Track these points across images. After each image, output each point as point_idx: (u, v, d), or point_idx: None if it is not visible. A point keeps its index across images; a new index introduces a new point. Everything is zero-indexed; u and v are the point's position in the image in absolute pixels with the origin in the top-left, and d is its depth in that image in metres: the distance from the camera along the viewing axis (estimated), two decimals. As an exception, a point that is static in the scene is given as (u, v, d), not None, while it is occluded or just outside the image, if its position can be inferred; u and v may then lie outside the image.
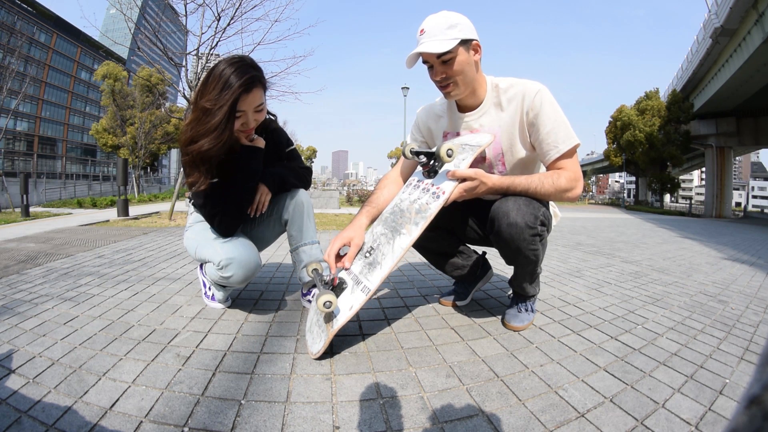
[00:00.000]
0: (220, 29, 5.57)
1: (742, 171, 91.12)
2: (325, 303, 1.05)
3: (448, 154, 1.15)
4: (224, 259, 1.27)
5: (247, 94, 1.21)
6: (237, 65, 1.20)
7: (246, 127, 1.28)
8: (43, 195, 18.25)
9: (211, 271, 1.34)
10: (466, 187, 1.16)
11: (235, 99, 1.18)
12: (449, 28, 1.14)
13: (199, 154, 1.20)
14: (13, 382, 0.93)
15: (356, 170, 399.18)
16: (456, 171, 1.16)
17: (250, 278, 1.35)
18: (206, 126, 1.18)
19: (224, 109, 1.17)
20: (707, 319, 1.62)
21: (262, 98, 1.28)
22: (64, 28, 41.92)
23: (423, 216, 1.16)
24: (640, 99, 25.62)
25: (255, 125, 1.31)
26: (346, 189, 20.36)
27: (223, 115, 1.17)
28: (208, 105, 1.17)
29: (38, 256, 2.53)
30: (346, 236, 1.26)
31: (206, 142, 1.18)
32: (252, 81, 1.20)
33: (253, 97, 1.23)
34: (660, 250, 3.81)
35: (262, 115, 1.31)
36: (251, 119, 1.27)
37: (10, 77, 12.51)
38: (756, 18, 12.28)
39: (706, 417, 0.88)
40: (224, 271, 1.29)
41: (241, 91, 1.18)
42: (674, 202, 36.63)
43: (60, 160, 43.89)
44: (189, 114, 1.28)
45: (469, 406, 0.90)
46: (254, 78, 1.21)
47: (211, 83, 1.19)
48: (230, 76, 1.18)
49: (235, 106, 1.19)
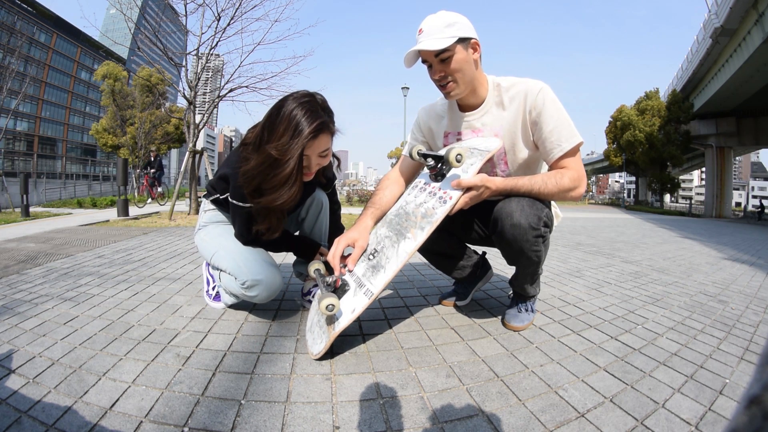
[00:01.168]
0: (220, 29, 5.57)
1: (742, 171, 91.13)
2: (328, 306, 1.04)
3: (457, 159, 1.12)
4: (250, 281, 1.26)
5: (315, 140, 1.14)
6: (307, 107, 1.12)
7: (307, 171, 1.20)
8: (43, 195, 18.24)
9: (231, 284, 1.32)
10: (472, 195, 1.15)
11: (304, 146, 1.11)
12: (447, 27, 1.14)
13: (273, 208, 1.18)
14: (13, 382, 0.93)
15: (356, 170, 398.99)
16: (461, 181, 1.13)
17: (272, 298, 1.35)
18: (277, 178, 1.12)
19: (293, 161, 1.10)
20: (707, 319, 1.62)
21: (329, 143, 1.20)
22: (64, 28, 41.93)
23: (429, 221, 1.14)
24: (640, 99, 25.62)
25: (316, 170, 1.24)
26: (346, 189, 20.41)
27: (293, 167, 1.11)
28: (276, 154, 1.10)
29: (38, 256, 2.53)
30: (351, 237, 1.25)
31: (279, 197, 1.14)
32: (321, 127, 1.13)
33: (319, 143, 1.16)
34: (660, 250, 3.81)
35: (326, 160, 1.24)
36: (313, 164, 1.20)
37: (10, 77, 12.51)
38: (756, 18, 12.28)
39: (706, 417, 0.88)
40: (249, 290, 1.28)
41: (310, 138, 1.11)
42: (674, 202, 36.64)
43: (60, 160, 43.91)
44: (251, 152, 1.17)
45: (469, 406, 0.90)
46: (323, 124, 1.14)
47: (280, 125, 1.11)
48: (301, 120, 1.10)
49: (302, 153, 1.13)
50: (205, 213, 1.46)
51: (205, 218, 1.46)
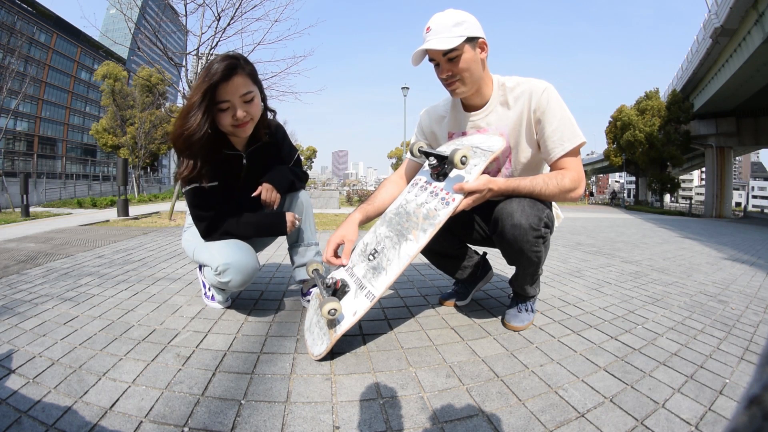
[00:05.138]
0: (220, 29, 5.57)
1: (742, 171, 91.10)
2: (330, 311, 1.04)
3: (462, 161, 1.09)
4: (221, 265, 1.25)
5: (227, 82, 1.16)
6: (221, 57, 1.19)
7: (238, 121, 1.22)
8: (43, 195, 18.24)
9: (209, 276, 1.33)
10: (475, 197, 1.14)
11: (213, 84, 1.15)
12: (455, 26, 1.13)
13: (179, 137, 1.18)
14: (13, 382, 0.93)
15: (356, 170, 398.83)
16: (464, 185, 1.12)
17: (248, 282, 1.32)
18: (185, 109, 1.19)
19: (199, 93, 1.15)
20: (707, 319, 1.62)
21: (249, 87, 1.21)
22: (64, 28, 41.92)
23: (431, 223, 1.13)
24: (640, 99, 25.60)
25: (248, 118, 1.24)
26: (346, 189, 20.35)
27: (200, 98, 1.15)
28: (190, 94, 1.19)
29: (38, 256, 2.53)
30: (340, 234, 1.27)
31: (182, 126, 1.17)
32: (230, 68, 1.16)
33: (234, 86, 1.18)
34: (660, 250, 3.81)
35: (253, 107, 1.24)
36: (239, 109, 1.20)
37: (10, 77, 12.50)
38: (756, 18, 12.27)
39: (706, 417, 0.88)
40: (222, 276, 1.27)
41: (219, 78, 1.14)
42: (674, 202, 36.61)
43: (60, 160, 43.88)
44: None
45: (469, 406, 0.90)
46: (233, 65, 1.17)
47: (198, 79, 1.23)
48: (213, 65, 1.17)
49: (213, 92, 1.16)
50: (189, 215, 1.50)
51: (189, 220, 1.51)
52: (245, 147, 1.37)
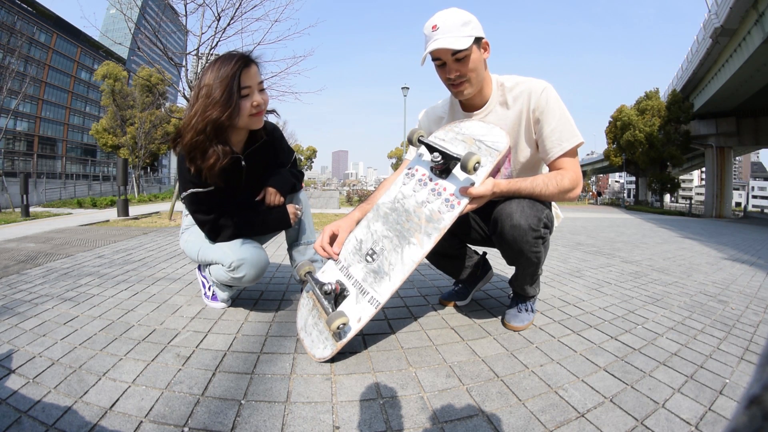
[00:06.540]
0: (220, 29, 5.56)
1: (742, 171, 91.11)
2: (339, 327, 1.02)
3: (474, 168, 1.03)
4: (236, 260, 1.29)
5: (248, 69, 1.21)
6: (227, 53, 1.23)
7: (258, 108, 1.25)
8: (43, 195, 18.24)
9: (219, 273, 1.35)
10: (480, 201, 1.12)
11: (236, 71, 1.17)
12: (464, 25, 1.12)
13: (211, 124, 1.17)
14: (13, 382, 0.93)
15: (356, 170, 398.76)
16: (472, 191, 1.08)
17: (261, 276, 1.37)
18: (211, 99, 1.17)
19: (227, 80, 1.16)
20: (707, 319, 1.62)
21: (261, 77, 1.28)
22: (64, 28, 41.91)
23: (436, 227, 1.10)
24: (640, 99, 25.62)
25: (264, 106, 1.28)
26: (346, 189, 20.36)
27: (227, 85, 1.16)
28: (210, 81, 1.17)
29: (38, 256, 2.53)
30: (336, 225, 1.27)
31: (215, 111, 1.16)
32: (247, 56, 1.22)
33: (253, 72, 1.23)
34: (660, 250, 3.81)
35: (266, 96, 1.30)
36: (257, 96, 1.24)
37: (10, 77, 12.50)
38: (756, 18, 12.27)
39: (706, 417, 0.88)
40: (236, 272, 1.30)
41: (241, 65, 1.18)
42: (674, 202, 36.61)
43: (60, 160, 43.88)
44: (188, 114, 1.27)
45: (469, 406, 0.90)
46: (247, 56, 1.22)
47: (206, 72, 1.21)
48: (225, 58, 1.20)
49: (238, 78, 1.18)
50: (187, 216, 1.50)
51: (187, 221, 1.50)
52: (243, 149, 1.37)
